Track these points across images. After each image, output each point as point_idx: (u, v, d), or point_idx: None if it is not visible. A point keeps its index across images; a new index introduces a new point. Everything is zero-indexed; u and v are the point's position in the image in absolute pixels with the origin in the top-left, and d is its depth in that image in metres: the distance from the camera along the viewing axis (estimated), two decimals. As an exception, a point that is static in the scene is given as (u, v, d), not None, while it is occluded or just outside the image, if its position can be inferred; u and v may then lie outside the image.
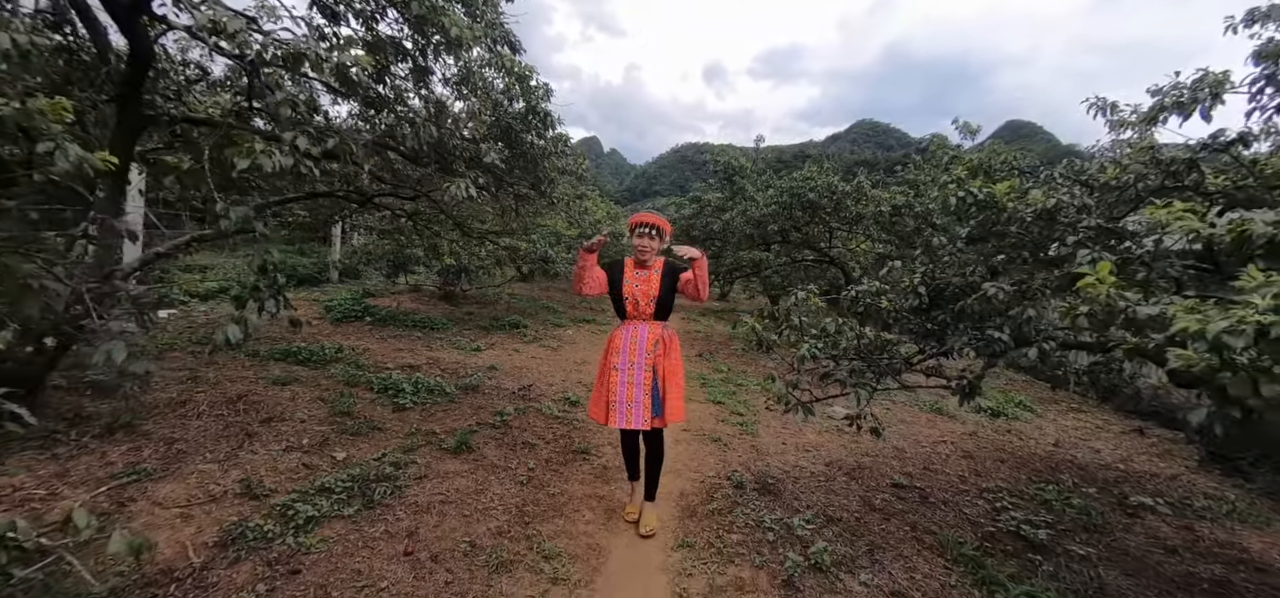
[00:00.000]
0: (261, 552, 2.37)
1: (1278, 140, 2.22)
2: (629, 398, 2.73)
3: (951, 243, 2.79)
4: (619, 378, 2.76)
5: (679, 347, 2.91)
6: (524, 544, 2.67)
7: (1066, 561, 2.92)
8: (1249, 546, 3.42)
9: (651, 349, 2.77)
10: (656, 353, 2.78)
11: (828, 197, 6.38)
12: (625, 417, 2.72)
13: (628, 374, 2.75)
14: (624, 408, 2.72)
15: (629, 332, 2.80)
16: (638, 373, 2.74)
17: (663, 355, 2.80)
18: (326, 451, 3.39)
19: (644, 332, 2.79)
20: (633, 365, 2.75)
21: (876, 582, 2.59)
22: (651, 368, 2.75)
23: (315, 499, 2.77)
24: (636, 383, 2.74)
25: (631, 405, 2.72)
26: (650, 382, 2.74)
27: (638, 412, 2.71)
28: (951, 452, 4.71)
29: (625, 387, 2.74)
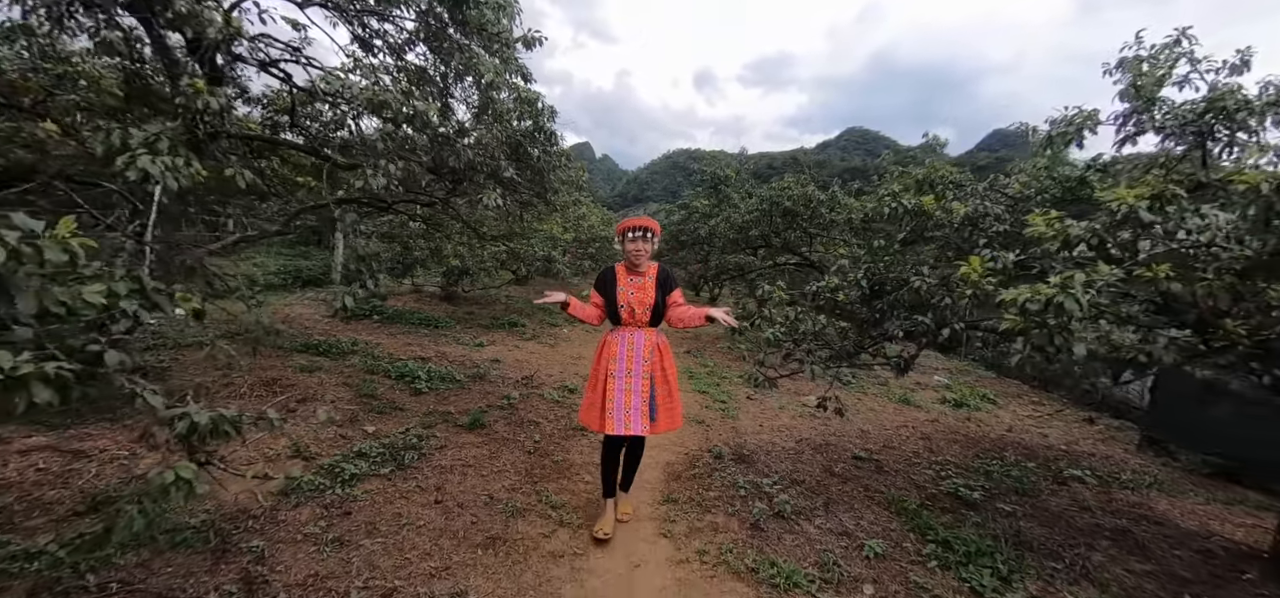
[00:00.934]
0: (317, 499, 2.85)
1: (1135, 158, 2.77)
2: (627, 405, 2.71)
3: (890, 244, 3.33)
4: (617, 385, 2.74)
5: (671, 352, 2.93)
6: (533, 497, 3.16)
7: (993, 514, 3.45)
8: (1156, 507, 3.97)
9: (649, 356, 2.77)
10: (653, 360, 2.80)
11: (804, 205, 6.97)
12: (624, 423, 2.70)
13: (625, 382, 2.74)
14: (622, 415, 2.71)
15: (625, 339, 2.79)
16: (635, 380, 2.74)
17: (658, 362, 2.82)
18: (357, 425, 3.87)
19: (640, 339, 2.79)
20: (630, 373, 2.75)
21: (828, 526, 3.11)
22: (649, 375, 2.76)
23: (355, 461, 3.25)
24: (635, 390, 2.73)
25: (630, 412, 2.71)
26: (648, 389, 2.75)
27: (636, 419, 2.71)
28: (911, 434, 5.25)
29: (623, 394, 2.73)
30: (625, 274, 2.84)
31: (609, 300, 2.82)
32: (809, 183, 7.54)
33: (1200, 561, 3.18)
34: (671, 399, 2.85)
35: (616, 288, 2.81)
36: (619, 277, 2.84)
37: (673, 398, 2.86)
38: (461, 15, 2.99)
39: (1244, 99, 2.30)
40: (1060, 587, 2.72)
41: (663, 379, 2.83)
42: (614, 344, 2.79)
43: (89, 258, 1.37)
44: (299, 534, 2.54)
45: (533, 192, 4.31)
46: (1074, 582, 2.77)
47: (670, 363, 2.88)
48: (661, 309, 2.82)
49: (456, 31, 3.10)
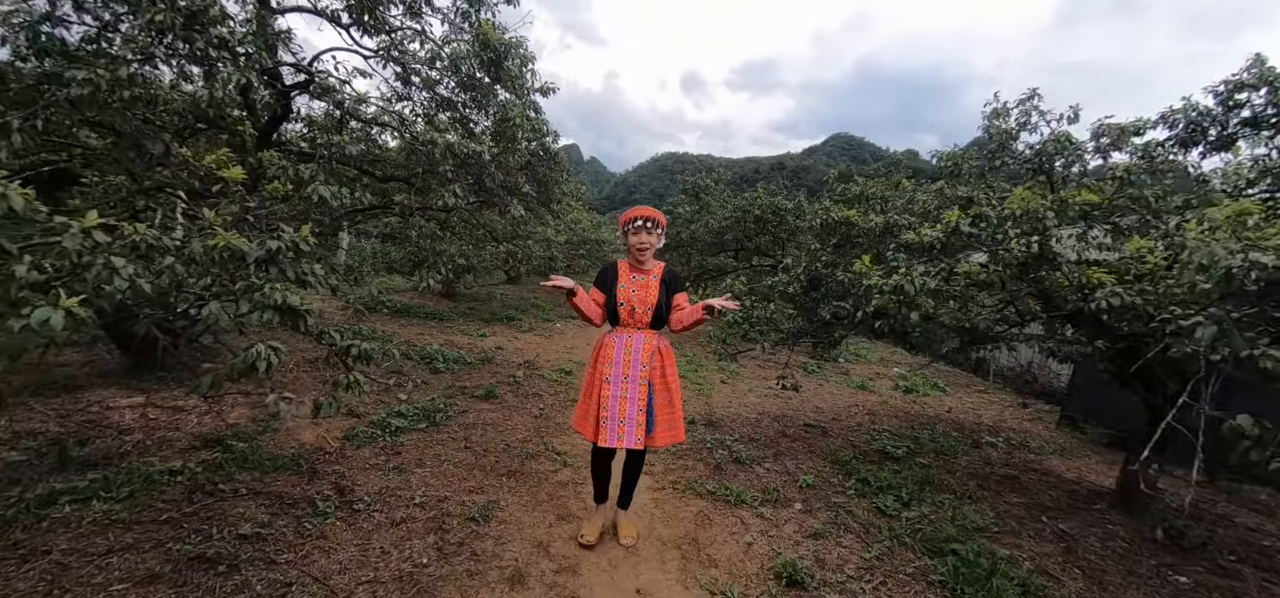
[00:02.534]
0: (373, 443, 3.62)
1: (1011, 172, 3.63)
2: (621, 414, 2.51)
3: (824, 247, 4.19)
4: (611, 391, 2.52)
5: (674, 358, 2.72)
6: (542, 447, 3.96)
7: (910, 465, 4.31)
8: (1047, 464, 4.87)
9: (647, 361, 2.55)
10: (652, 366, 2.58)
11: (772, 213, 7.85)
12: (617, 434, 2.49)
13: (620, 388, 2.52)
14: (615, 425, 2.50)
15: (622, 341, 2.58)
16: (632, 387, 2.52)
17: (659, 368, 2.61)
18: (392, 394, 4.63)
19: (639, 341, 2.57)
20: (626, 379, 2.53)
21: (774, 468, 3.95)
22: (646, 382, 2.54)
23: (396, 419, 4.02)
24: (630, 398, 2.51)
25: (624, 422, 2.50)
26: (645, 397, 2.53)
27: (630, 429, 2.50)
28: (858, 411, 6.12)
29: (618, 402, 2.51)
30: (628, 271, 2.64)
31: (609, 298, 2.62)
32: (777, 194, 8.45)
33: (1065, 497, 4.06)
34: (673, 410, 2.63)
35: (617, 285, 2.61)
36: (621, 274, 2.64)
37: (674, 408, 2.64)
38: (497, 74, 3.78)
39: (1069, 139, 3.17)
40: (947, 509, 3.57)
41: (663, 386, 2.61)
42: (610, 346, 2.59)
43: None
44: (366, 465, 3.32)
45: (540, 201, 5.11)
46: (958, 506, 3.62)
47: (672, 370, 2.65)
48: (665, 311, 2.59)
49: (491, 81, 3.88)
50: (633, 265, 2.66)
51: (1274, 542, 3.65)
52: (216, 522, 2.51)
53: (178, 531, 2.42)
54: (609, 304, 2.63)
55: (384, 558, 2.43)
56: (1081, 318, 2.75)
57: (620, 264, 2.71)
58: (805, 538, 3.00)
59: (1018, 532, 3.36)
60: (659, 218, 2.63)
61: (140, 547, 2.29)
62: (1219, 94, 3.73)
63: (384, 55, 4.23)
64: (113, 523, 2.42)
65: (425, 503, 2.94)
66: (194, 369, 4.62)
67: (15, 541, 2.24)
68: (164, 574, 2.14)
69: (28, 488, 2.59)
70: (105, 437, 3.23)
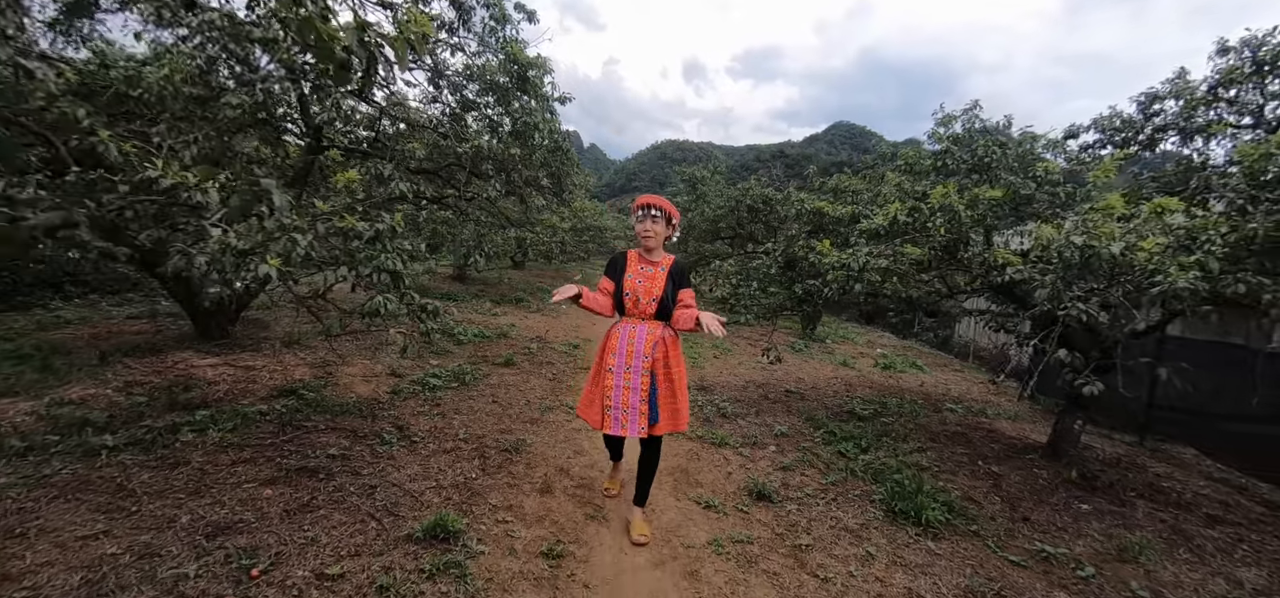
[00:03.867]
0: (416, 397, 4.30)
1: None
2: (624, 403, 2.55)
3: (800, 233, 4.83)
4: (614, 380, 2.57)
5: (680, 350, 2.71)
6: (557, 403, 4.63)
7: (873, 424, 4.99)
8: (997, 426, 5.55)
9: (650, 351, 2.56)
10: (655, 356, 2.58)
11: (763, 203, 8.49)
12: (620, 423, 2.56)
13: (623, 378, 2.56)
14: (619, 413, 2.56)
15: (626, 331, 2.61)
16: (634, 377, 2.54)
17: (661, 359, 2.60)
18: (425, 360, 5.31)
19: (642, 332, 2.58)
20: (629, 368, 2.55)
21: (755, 422, 4.63)
22: (649, 372, 2.55)
23: (432, 379, 4.69)
24: (633, 388, 2.54)
25: (627, 411, 2.55)
26: (648, 386, 2.55)
27: (633, 418, 2.54)
28: (837, 382, 6.80)
29: (620, 391, 2.55)
30: (637, 261, 2.66)
31: (616, 287, 2.64)
32: (768, 185, 9.10)
33: (1004, 449, 4.74)
34: (676, 399, 2.65)
35: (625, 275, 2.63)
36: (630, 263, 2.66)
37: (677, 398, 2.65)
38: (523, 86, 4.41)
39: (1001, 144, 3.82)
40: (903, 455, 4.24)
41: (666, 376, 2.62)
42: (615, 336, 2.63)
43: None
44: (413, 412, 3.99)
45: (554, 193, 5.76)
46: (911, 455, 4.30)
47: (677, 361, 2.66)
48: (670, 304, 2.60)
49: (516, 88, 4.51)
50: (642, 256, 2.66)
51: (1174, 485, 4.33)
52: (307, 446, 3.19)
53: (280, 451, 3.10)
54: (616, 293, 2.64)
55: (441, 473, 3.11)
56: (1002, 290, 3.41)
57: (630, 253, 2.71)
58: (775, 470, 3.69)
59: (955, 471, 4.04)
60: (666, 208, 2.60)
61: (256, 461, 2.97)
62: (1141, 103, 4.37)
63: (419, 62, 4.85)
64: (229, 446, 3.09)
65: (467, 439, 3.62)
66: (251, 337, 5.30)
67: (160, 455, 2.91)
68: (279, 478, 2.82)
69: (154, 421, 3.26)
70: (200, 387, 3.90)
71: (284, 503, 2.60)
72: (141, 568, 2.06)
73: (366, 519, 2.57)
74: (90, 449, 2.86)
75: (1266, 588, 2.94)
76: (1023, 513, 3.54)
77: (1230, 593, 2.84)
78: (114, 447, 2.90)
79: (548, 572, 2.36)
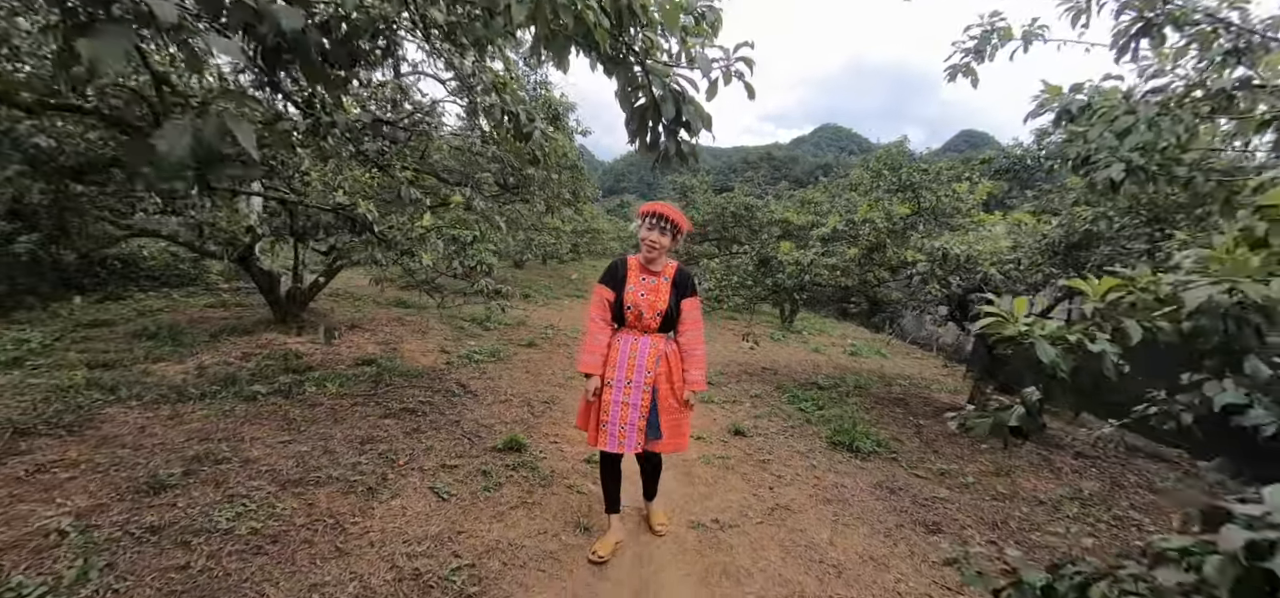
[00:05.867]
0: (465, 367, 5.38)
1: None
2: (623, 419, 2.42)
3: (770, 236, 5.97)
4: (613, 395, 2.44)
5: (680, 365, 2.56)
6: (577, 375, 5.74)
7: (831, 392, 6.15)
8: (934, 395, 6.74)
9: (652, 367, 2.45)
10: (657, 371, 2.46)
11: (744, 209, 9.68)
12: (617, 440, 2.42)
13: (623, 393, 2.43)
14: (616, 430, 2.43)
15: (627, 344, 2.47)
16: (635, 393, 2.42)
17: (665, 373, 2.49)
18: (462, 342, 6.39)
19: (644, 345, 2.46)
20: (629, 384, 2.43)
21: (736, 387, 5.78)
22: (650, 388, 2.44)
23: (475, 355, 5.78)
24: (632, 404, 2.42)
25: (625, 427, 2.42)
26: (648, 403, 2.43)
27: (631, 435, 2.42)
28: (807, 363, 7.97)
29: (619, 407, 2.43)
30: (638, 271, 2.51)
31: (616, 297, 2.49)
32: (750, 193, 10.31)
33: (933, 410, 5.93)
34: (678, 418, 2.54)
35: (626, 286, 2.48)
36: (631, 272, 2.51)
37: (680, 413, 2.55)
38: (555, 123, 5.52)
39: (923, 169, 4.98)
40: (848, 409, 5.39)
41: (669, 393, 2.50)
42: (615, 349, 2.49)
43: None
44: (467, 377, 5.08)
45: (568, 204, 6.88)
46: (855, 410, 5.45)
47: (679, 376, 2.53)
48: (675, 316, 2.49)
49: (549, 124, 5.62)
50: (644, 264, 2.50)
51: (1057, 435, 5.53)
52: (400, 397, 4.27)
53: (382, 399, 4.17)
54: (616, 304, 2.48)
55: (501, 416, 4.21)
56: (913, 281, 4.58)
57: (631, 261, 2.55)
58: (749, 417, 4.83)
59: (889, 423, 5.21)
60: (676, 218, 2.44)
61: (368, 404, 4.05)
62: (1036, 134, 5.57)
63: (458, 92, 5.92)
64: (344, 395, 4.17)
65: (514, 396, 4.73)
66: (313, 323, 6.34)
67: (298, 399, 3.98)
68: (391, 415, 3.90)
69: (282, 379, 4.32)
70: (299, 357, 4.95)
71: (402, 428, 3.70)
72: (327, 458, 3.15)
73: (461, 439, 3.67)
74: (248, 396, 3.92)
75: (1101, 494, 4.13)
76: (934, 449, 4.71)
77: (1071, 495, 4.02)
78: (265, 393, 3.96)
79: (589, 470, 3.47)
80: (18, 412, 3.26)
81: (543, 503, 3.06)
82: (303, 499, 2.75)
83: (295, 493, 2.79)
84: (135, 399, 3.67)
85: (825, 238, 4.62)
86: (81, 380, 3.85)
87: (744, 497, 3.39)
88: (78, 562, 2.13)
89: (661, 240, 2.43)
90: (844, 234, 4.46)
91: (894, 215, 4.16)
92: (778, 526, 3.08)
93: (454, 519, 2.78)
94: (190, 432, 3.31)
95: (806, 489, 3.58)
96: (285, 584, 2.19)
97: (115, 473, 2.78)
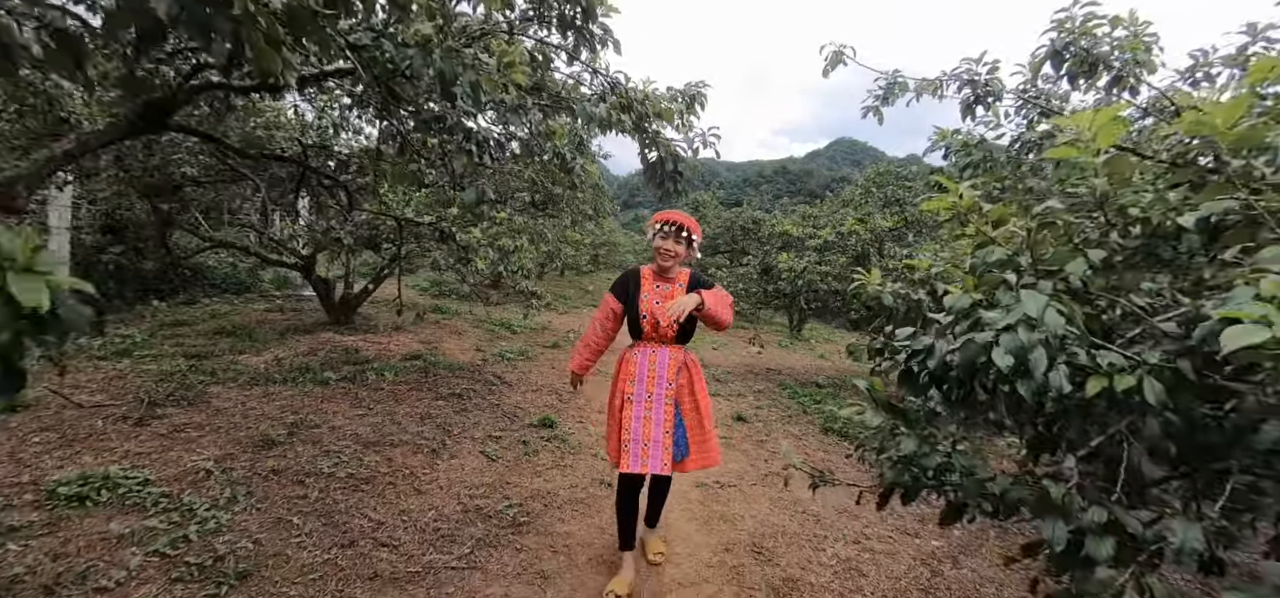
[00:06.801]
0: (498, 363, 6.06)
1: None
2: (645, 436, 2.30)
3: (773, 247, 6.58)
4: (634, 411, 2.33)
5: (702, 374, 2.51)
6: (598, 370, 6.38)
7: (828, 389, 6.71)
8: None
9: (673, 379, 2.35)
10: (679, 383, 2.37)
11: (753, 223, 10.29)
12: (640, 459, 2.28)
13: (644, 408, 2.32)
14: (638, 448, 2.29)
15: (645, 357, 2.38)
16: (656, 408, 2.32)
17: (686, 385, 2.40)
18: (493, 343, 7.08)
19: (664, 357, 2.37)
20: (650, 397, 2.33)
21: (742, 385, 6.37)
22: (673, 401, 2.34)
23: (507, 354, 6.45)
24: (655, 420, 2.31)
25: (649, 445, 2.30)
26: (672, 418, 2.33)
27: (656, 453, 2.29)
28: (810, 367, 8.52)
29: (641, 423, 2.31)
30: (651, 280, 2.43)
31: (629, 308, 2.41)
32: (758, 209, 10.95)
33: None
34: (704, 431, 2.42)
35: (640, 295, 2.39)
36: (644, 282, 2.42)
37: (705, 429, 2.42)
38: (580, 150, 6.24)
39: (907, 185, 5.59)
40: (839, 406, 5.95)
41: (692, 406, 2.40)
42: (632, 362, 2.40)
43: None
44: (502, 370, 5.75)
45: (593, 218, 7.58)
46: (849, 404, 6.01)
47: (701, 387, 2.45)
48: (692, 323, 2.38)
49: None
50: (657, 273, 2.43)
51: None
52: (447, 384, 4.95)
53: (432, 387, 4.85)
54: (630, 316, 2.40)
55: (534, 401, 4.87)
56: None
57: (644, 270, 2.47)
58: (751, 408, 5.43)
59: (879, 415, 5.76)
60: (691, 227, 2.35)
61: (421, 389, 4.73)
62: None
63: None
64: (400, 382, 4.86)
65: (543, 386, 5.39)
66: (363, 324, 7.08)
67: (363, 384, 4.68)
68: (442, 398, 4.57)
69: (355, 367, 5.02)
70: (357, 352, 5.67)
71: (452, 408, 4.37)
72: (395, 428, 3.83)
73: (501, 417, 4.34)
74: (322, 380, 4.62)
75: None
76: (919, 438, 5.26)
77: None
78: (336, 379, 4.67)
79: (611, 443, 4.10)
80: (145, 390, 3.99)
81: (572, 465, 3.70)
82: (382, 455, 3.43)
83: (376, 451, 3.47)
84: (232, 381, 4.39)
85: (819, 248, 5.23)
86: (184, 367, 4.58)
87: (742, 466, 3.99)
88: (226, 490, 2.81)
89: (677, 248, 2.34)
90: (835, 244, 5.06)
91: (878, 228, 4.76)
92: (769, 487, 3.68)
93: (502, 474, 3.44)
94: (282, 406, 4.01)
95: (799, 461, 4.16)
96: (382, 510, 2.85)
97: (234, 433, 3.48)
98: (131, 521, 2.50)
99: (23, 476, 2.78)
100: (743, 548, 2.93)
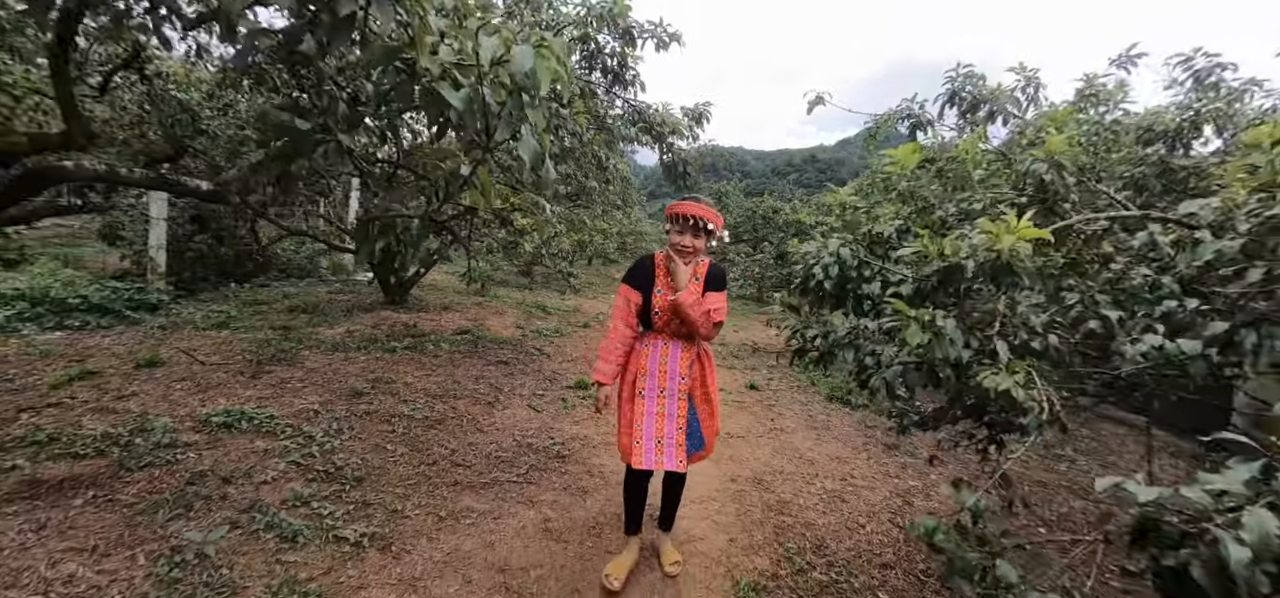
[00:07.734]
0: (537, 339, 6.77)
1: None
2: (658, 433, 2.23)
3: (788, 235, 7.08)
4: (646, 407, 2.26)
5: (715, 367, 2.44)
6: (624, 347, 7.05)
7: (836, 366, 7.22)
8: (935, 374, 7.71)
9: (686, 372, 2.28)
10: (692, 377, 2.30)
11: (773, 213, 10.78)
12: (654, 456, 2.22)
13: (657, 404, 2.25)
14: (651, 444, 2.22)
15: (657, 351, 2.30)
16: (670, 403, 2.25)
17: (699, 379, 2.33)
18: (531, 322, 7.80)
19: (676, 351, 2.29)
20: (664, 393, 2.26)
21: (754, 359, 6.94)
22: (687, 396, 2.28)
23: (544, 331, 7.16)
24: (669, 415, 2.24)
25: (662, 441, 2.23)
26: (685, 414, 2.26)
27: (670, 450, 2.22)
28: (825, 347, 9.03)
29: (654, 419, 2.24)
30: (665, 267, 2.29)
31: (644, 299, 2.29)
32: (777, 199, 11.46)
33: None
34: (713, 423, 2.39)
35: (654, 286, 2.29)
36: (659, 271, 2.31)
37: (714, 423, 2.39)
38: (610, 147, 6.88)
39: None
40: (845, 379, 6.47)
41: (704, 399, 2.36)
42: (644, 356, 2.32)
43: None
44: (541, 344, 6.46)
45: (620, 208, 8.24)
46: (856, 380, 6.53)
47: (713, 380, 2.40)
48: None
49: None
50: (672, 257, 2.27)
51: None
52: (493, 354, 5.66)
53: (482, 356, 5.58)
54: (644, 307, 2.29)
55: (571, 368, 5.55)
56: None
57: (659, 257, 2.36)
58: (763, 379, 6.01)
59: (883, 388, 6.28)
60: (710, 217, 2.21)
61: (472, 357, 5.45)
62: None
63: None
64: (455, 351, 5.59)
65: (577, 357, 6.07)
66: (415, 304, 7.88)
67: (425, 352, 5.42)
68: (491, 363, 5.29)
69: (414, 339, 5.78)
70: (414, 327, 6.44)
71: (501, 372, 5.08)
72: (455, 385, 4.55)
73: (543, 380, 5.03)
74: (389, 349, 5.38)
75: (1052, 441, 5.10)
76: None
77: (1020, 440, 5.02)
78: (401, 348, 5.43)
79: (637, 402, 4.76)
80: (250, 353, 4.79)
81: (605, 418, 4.35)
82: (449, 404, 4.14)
83: (443, 402, 4.19)
84: (316, 348, 5.18)
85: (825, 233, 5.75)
86: (275, 337, 5.39)
87: (750, 423, 4.60)
88: (333, 424, 3.56)
89: (695, 243, 2.20)
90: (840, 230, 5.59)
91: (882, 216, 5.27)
92: (773, 438, 4.29)
93: (546, 422, 4.12)
94: (361, 368, 4.77)
95: (800, 420, 4.76)
96: (452, 442, 3.56)
97: (329, 386, 4.24)
98: (269, 442, 3.25)
99: (179, 410, 3.57)
100: (746, 480, 3.55)
